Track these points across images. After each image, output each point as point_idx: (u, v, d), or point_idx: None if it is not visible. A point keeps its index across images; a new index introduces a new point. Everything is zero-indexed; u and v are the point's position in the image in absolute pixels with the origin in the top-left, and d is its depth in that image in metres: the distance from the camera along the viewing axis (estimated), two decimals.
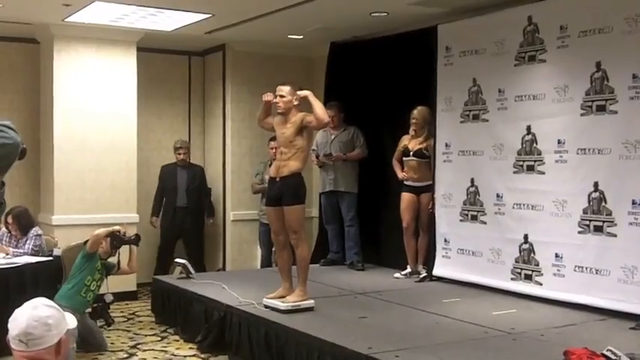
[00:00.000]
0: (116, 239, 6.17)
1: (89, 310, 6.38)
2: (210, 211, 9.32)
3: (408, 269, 7.58)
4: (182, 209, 8.97)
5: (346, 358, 4.80)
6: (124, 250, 6.55)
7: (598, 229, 5.88)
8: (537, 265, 6.36)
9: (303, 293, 5.92)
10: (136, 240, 6.35)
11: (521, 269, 6.50)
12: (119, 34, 8.27)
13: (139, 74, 8.63)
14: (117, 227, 6.28)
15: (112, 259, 6.43)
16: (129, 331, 6.98)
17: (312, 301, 5.97)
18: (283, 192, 5.87)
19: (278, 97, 5.90)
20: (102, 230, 6.14)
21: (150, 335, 6.84)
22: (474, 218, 7.02)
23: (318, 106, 5.83)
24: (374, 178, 8.20)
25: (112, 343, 6.46)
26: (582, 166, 6.01)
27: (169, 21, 7.81)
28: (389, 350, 4.80)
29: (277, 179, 5.92)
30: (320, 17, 7.62)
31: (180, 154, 9.02)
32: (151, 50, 9.16)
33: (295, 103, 5.91)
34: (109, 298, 6.46)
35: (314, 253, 8.83)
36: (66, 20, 7.72)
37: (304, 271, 5.93)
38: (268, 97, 5.99)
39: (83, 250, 6.20)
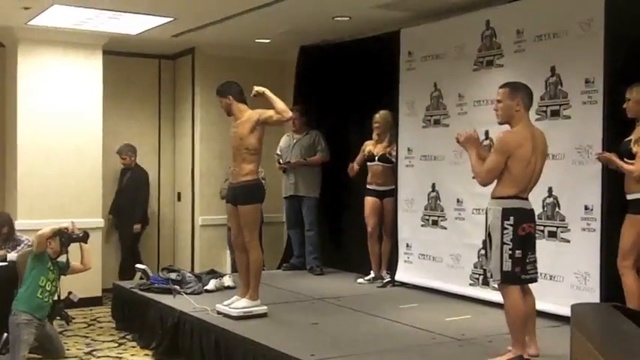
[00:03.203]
0: (64, 237, 6.07)
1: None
2: (137, 217, 9.00)
3: (372, 274, 7.53)
4: (118, 213, 9.06)
5: None
6: (75, 248, 6.44)
7: (552, 235, 5.84)
8: None
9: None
10: (84, 237, 6.23)
11: (479, 274, 6.47)
12: (84, 37, 8.19)
13: (108, 78, 8.56)
14: (64, 225, 6.18)
15: (62, 258, 6.34)
16: (87, 337, 6.92)
17: (264, 307, 5.92)
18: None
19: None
20: (46, 229, 6.04)
21: (108, 341, 6.77)
22: (435, 223, 6.98)
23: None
24: (338, 182, 8.15)
25: (67, 350, 6.39)
26: None
27: (133, 24, 7.75)
28: (332, 357, 4.78)
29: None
30: (285, 21, 7.57)
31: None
32: (121, 54, 9.11)
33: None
34: (75, 297, 6.37)
35: (282, 257, 8.82)
36: (29, 24, 7.66)
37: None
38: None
39: (31, 253, 6.14)
